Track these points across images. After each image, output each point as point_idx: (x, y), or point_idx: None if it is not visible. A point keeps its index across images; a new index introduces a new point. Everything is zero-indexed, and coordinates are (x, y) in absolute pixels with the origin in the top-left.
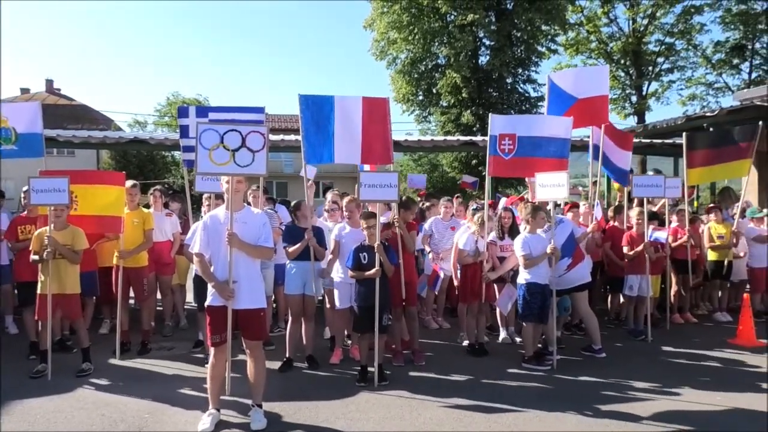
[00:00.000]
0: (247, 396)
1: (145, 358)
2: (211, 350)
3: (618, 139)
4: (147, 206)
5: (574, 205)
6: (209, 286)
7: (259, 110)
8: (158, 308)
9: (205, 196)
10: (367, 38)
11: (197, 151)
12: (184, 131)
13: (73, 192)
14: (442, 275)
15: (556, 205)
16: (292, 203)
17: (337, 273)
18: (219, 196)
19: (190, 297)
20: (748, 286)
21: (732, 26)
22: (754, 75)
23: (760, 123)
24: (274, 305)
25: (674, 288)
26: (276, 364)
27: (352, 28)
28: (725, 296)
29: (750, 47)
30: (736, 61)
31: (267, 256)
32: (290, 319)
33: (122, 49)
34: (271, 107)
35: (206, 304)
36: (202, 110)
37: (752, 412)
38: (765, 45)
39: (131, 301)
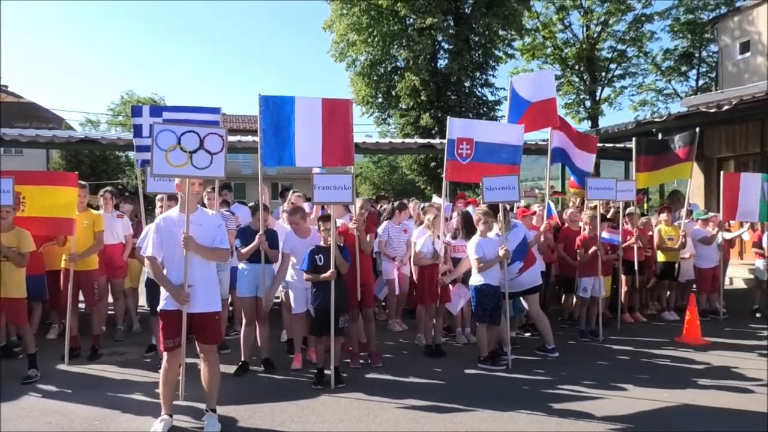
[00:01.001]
0: (202, 400)
1: (95, 364)
2: (164, 355)
3: (581, 142)
4: (96, 208)
5: (528, 209)
6: (162, 290)
7: (215, 110)
8: (110, 312)
9: (158, 197)
10: (327, 40)
11: (153, 152)
12: (137, 131)
13: (20, 193)
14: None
15: (510, 209)
16: (249, 205)
17: (291, 275)
18: (172, 197)
19: (143, 300)
20: (694, 286)
21: (680, 35)
22: (701, 82)
23: (697, 129)
24: (231, 308)
25: (625, 288)
26: (231, 368)
27: (311, 29)
28: (673, 296)
29: (697, 55)
30: (684, 68)
31: (223, 258)
32: (244, 322)
33: (74, 48)
34: (229, 107)
35: (159, 308)
36: (157, 110)
37: (696, 407)
38: (711, 54)
39: (81, 306)
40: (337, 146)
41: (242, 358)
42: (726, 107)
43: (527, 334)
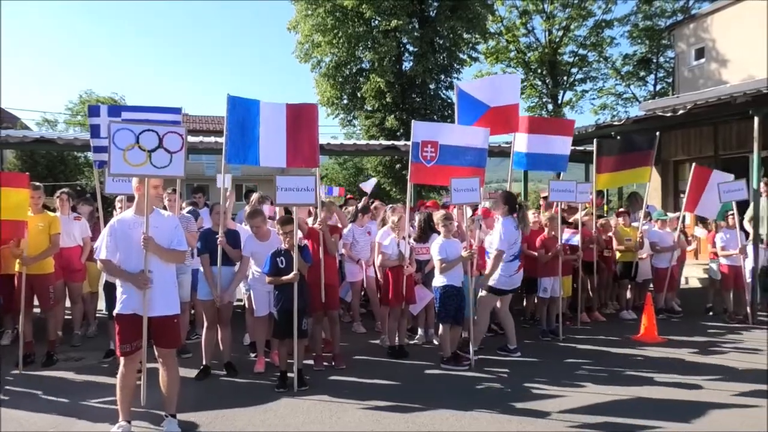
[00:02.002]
0: (162, 407)
1: (51, 370)
2: (121, 360)
3: (556, 127)
4: (53, 210)
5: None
6: (118, 292)
7: (176, 111)
8: (67, 317)
9: (117, 198)
10: (292, 40)
11: (110, 151)
12: (94, 131)
13: None
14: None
15: (474, 209)
16: (206, 202)
17: (253, 273)
18: (131, 199)
19: (102, 305)
20: (651, 286)
21: (639, 41)
22: (658, 87)
23: (657, 133)
24: (192, 311)
25: (586, 288)
26: (193, 372)
27: (276, 29)
28: (631, 295)
29: (655, 61)
30: (642, 73)
31: (180, 260)
32: (205, 325)
33: (30, 48)
34: (192, 108)
35: (115, 311)
36: (115, 109)
37: (651, 401)
38: (668, 59)
39: (36, 310)
40: (302, 148)
41: (203, 362)
42: (681, 111)
43: (489, 334)
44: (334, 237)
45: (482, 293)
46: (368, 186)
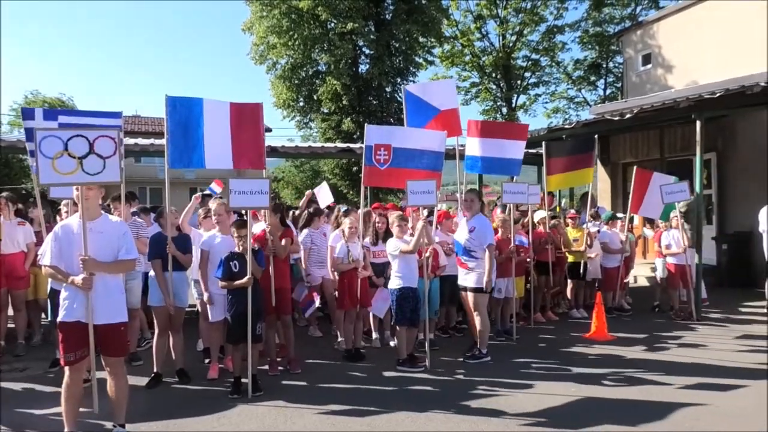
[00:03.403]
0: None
1: None
2: (66, 370)
3: (509, 131)
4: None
5: (447, 214)
6: (61, 299)
7: (116, 115)
8: (10, 326)
9: (63, 202)
10: (247, 41)
11: (38, 161)
12: (29, 135)
13: None
14: (317, 302)
15: (430, 212)
16: (150, 206)
17: (210, 283)
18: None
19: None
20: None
21: (589, 46)
22: (608, 91)
23: (596, 136)
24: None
25: (542, 288)
26: (144, 380)
27: (232, 30)
28: (581, 294)
29: (605, 66)
30: (593, 78)
31: (129, 269)
32: (156, 331)
33: None
34: (145, 109)
35: (58, 319)
36: (51, 113)
37: (602, 399)
38: (617, 65)
39: None
40: (247, 149)
41: (155, 370)
42: (628, 115)
43: (445, 336)
44: (284, 241)
45: (472, 295)
46: (322, 194)
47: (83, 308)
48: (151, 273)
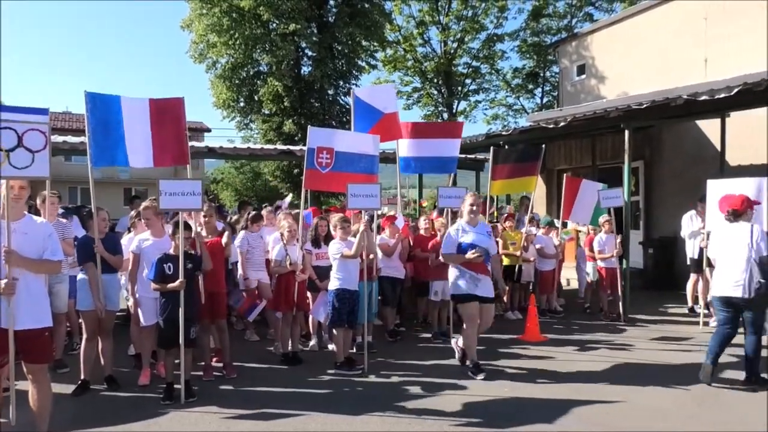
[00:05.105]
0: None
1: None
2: None
3: (442, 130)
4: None
5: (393, 218)
6: None
7: (43, 112)
8: None
9: None
10: (186, 39)
11: None
12: None
13: None
14: (262, 303)
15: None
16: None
17: (142, 287)
18: None
19: None
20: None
21: (527, 55)
22: (545, 100)
23: (543, 146)
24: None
25: None
26: (70, 388)
27: (171, 27)
28: (516, 297)
29: (542, 75)
30: (531, 86)
31: (54, 270)
32: (84, 336)
33: None
34: (78, 106)
35: None
36: None
37: (532, 399)
38: (553, 74)
39: None
40: (169, 146)
41: (82, 376)
42: (562, 123)
43: (390, 340)
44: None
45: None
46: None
47: (3, 313)
48: (79, 276)
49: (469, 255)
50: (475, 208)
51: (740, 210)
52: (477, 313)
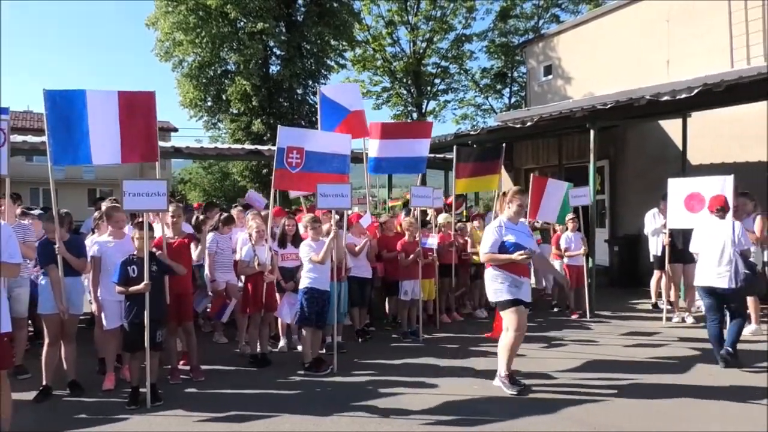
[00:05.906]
0: None
1: None
2: None
3: (411, 130)
4: None
5: (358, 216)
6: None
7: (3, 111)
8: None
9: None
10: (152, 37)
11: None
12: None
13: None
14: (234, 302)
15: (340, 216)
16: (39, 211)
17: (105, 290)
18: None
19: None
20: None
21: (495, 56)
22: (513, 100)
23: (504, 144)
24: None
25: (441, 290)
26: (32, 394)
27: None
28: (485, 295)
29: (510, 75)
30: (499, 86)
31: (12, 274)
32: (47, 341)
33: None
34: (38, 106)
35: None
36: None
37: (501, 397)
38: (521, 74)
39: None
40: (137, 141)
41: (44, 382)
42: (529, 123)
43: (360, 340)
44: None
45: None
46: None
47: None
48: (40, 280)
49: (517, 255)
50: (523, 208)
51: (727, 208)
52: (526, 319)
